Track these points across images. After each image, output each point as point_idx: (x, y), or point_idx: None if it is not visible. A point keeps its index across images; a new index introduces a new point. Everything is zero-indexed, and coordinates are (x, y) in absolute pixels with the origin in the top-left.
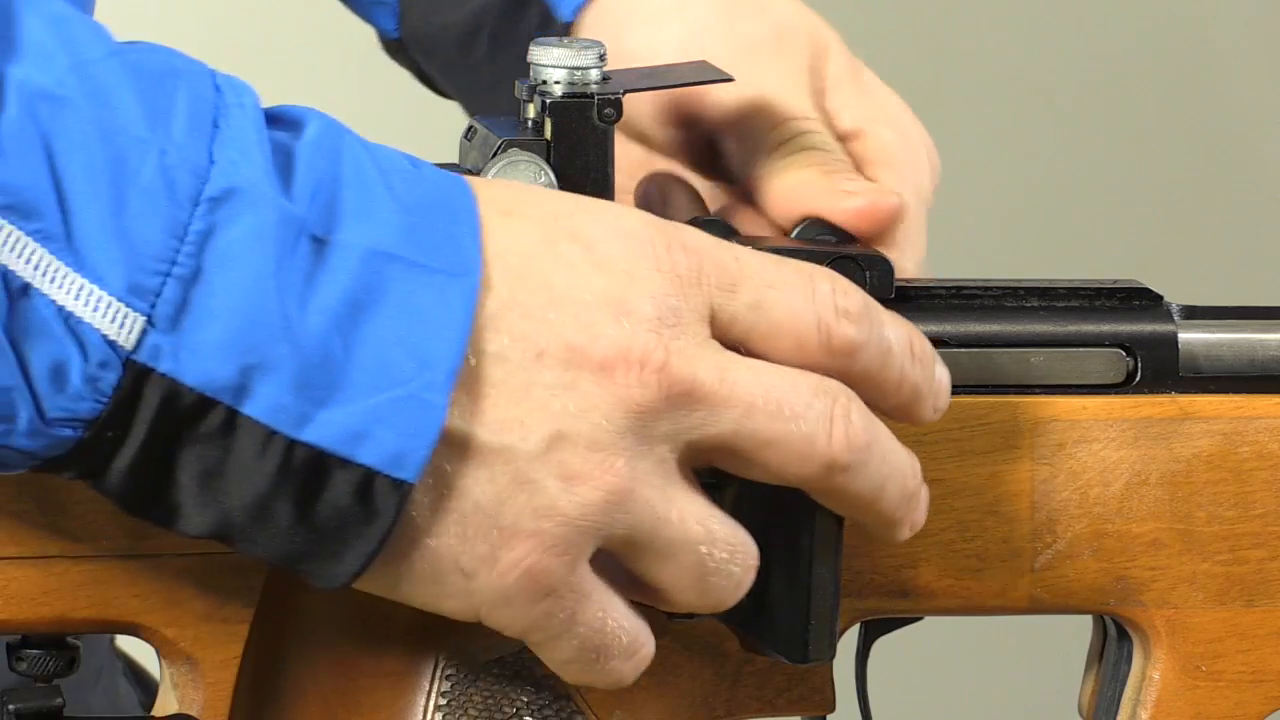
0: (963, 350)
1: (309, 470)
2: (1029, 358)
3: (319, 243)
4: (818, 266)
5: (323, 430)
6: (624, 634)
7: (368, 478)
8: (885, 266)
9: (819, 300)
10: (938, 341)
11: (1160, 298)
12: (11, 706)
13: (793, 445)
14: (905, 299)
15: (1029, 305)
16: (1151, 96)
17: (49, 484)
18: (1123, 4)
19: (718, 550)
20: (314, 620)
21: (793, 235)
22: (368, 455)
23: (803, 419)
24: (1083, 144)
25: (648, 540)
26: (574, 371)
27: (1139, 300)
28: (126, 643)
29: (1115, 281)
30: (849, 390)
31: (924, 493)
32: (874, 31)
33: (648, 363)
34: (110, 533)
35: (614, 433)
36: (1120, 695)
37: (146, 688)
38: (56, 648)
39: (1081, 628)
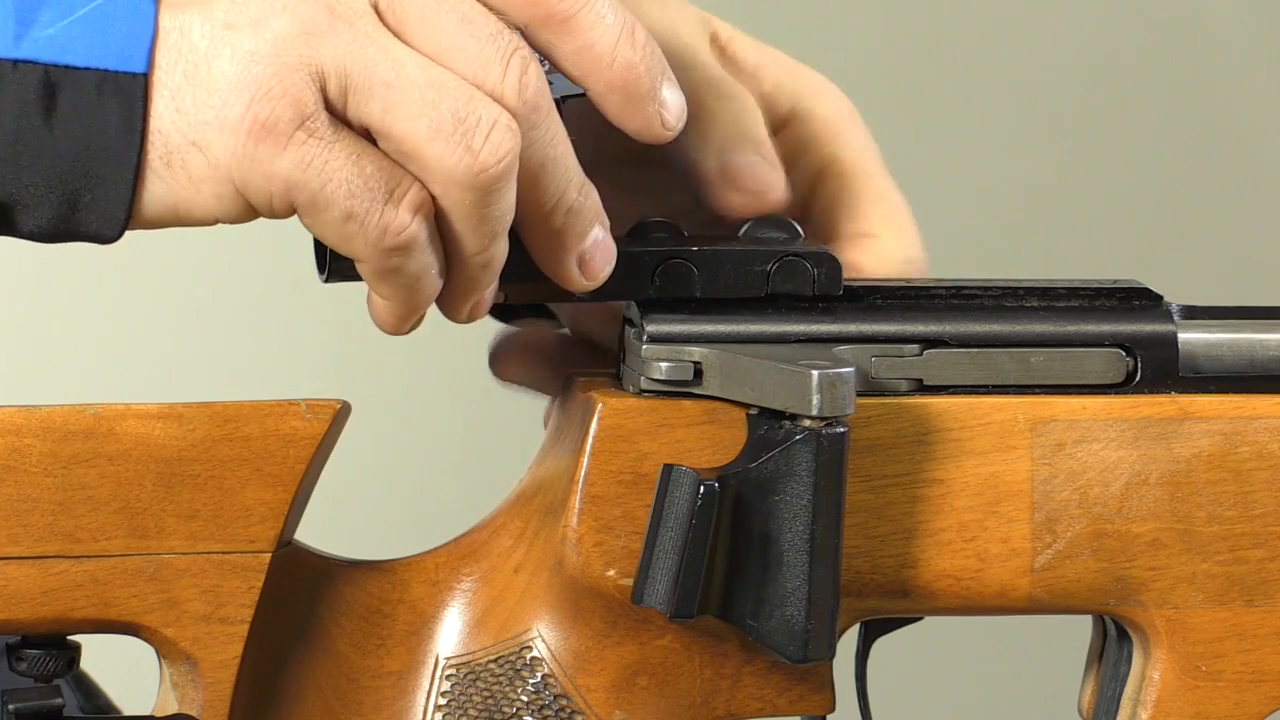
0: (963, 350)
1: (43, 86)
2: (1029, 358)
3: None
4: None
5: (37, 46)
6: (383, 177)
7: (102, 79)
8: (833, 264)
9: None
10: (938, 341)
11: (1160, 298)
12: (11, 706)
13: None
14: (905, 298)
15: (1029, 305)
16: (1151, 97)
17: (53, 483)
18: (1123, 4)
19: (447, 100)
20: (314, 620)
21: (740, 234)
22: (98, 59)
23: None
24: (1083, 144)
25: (364, 80)
26: None
27: (1139, 300)
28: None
29: (1115, 281)
30: (511, 119)
31: (599, 245)
32: (875, 32)
33: None
34: (110, 533)
35: None
36: (1120, 695)
37: (87, 693)
38: (56, 648)
39: (1081, 628)
